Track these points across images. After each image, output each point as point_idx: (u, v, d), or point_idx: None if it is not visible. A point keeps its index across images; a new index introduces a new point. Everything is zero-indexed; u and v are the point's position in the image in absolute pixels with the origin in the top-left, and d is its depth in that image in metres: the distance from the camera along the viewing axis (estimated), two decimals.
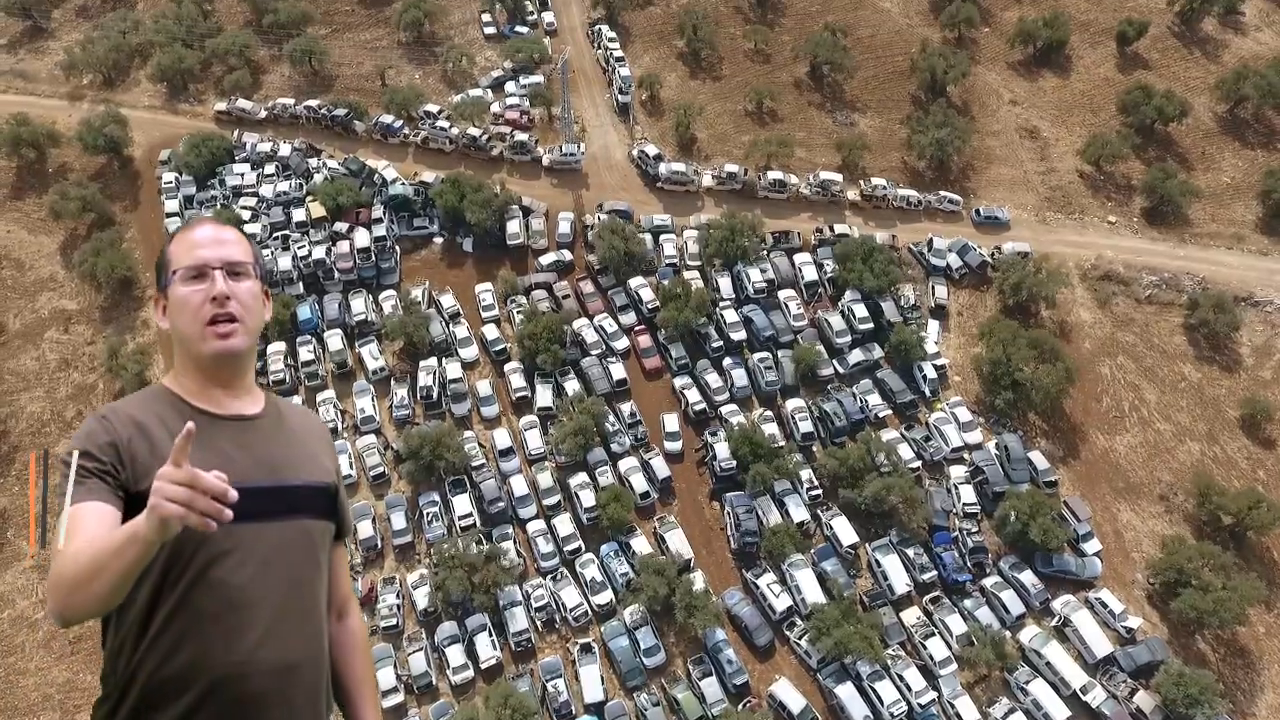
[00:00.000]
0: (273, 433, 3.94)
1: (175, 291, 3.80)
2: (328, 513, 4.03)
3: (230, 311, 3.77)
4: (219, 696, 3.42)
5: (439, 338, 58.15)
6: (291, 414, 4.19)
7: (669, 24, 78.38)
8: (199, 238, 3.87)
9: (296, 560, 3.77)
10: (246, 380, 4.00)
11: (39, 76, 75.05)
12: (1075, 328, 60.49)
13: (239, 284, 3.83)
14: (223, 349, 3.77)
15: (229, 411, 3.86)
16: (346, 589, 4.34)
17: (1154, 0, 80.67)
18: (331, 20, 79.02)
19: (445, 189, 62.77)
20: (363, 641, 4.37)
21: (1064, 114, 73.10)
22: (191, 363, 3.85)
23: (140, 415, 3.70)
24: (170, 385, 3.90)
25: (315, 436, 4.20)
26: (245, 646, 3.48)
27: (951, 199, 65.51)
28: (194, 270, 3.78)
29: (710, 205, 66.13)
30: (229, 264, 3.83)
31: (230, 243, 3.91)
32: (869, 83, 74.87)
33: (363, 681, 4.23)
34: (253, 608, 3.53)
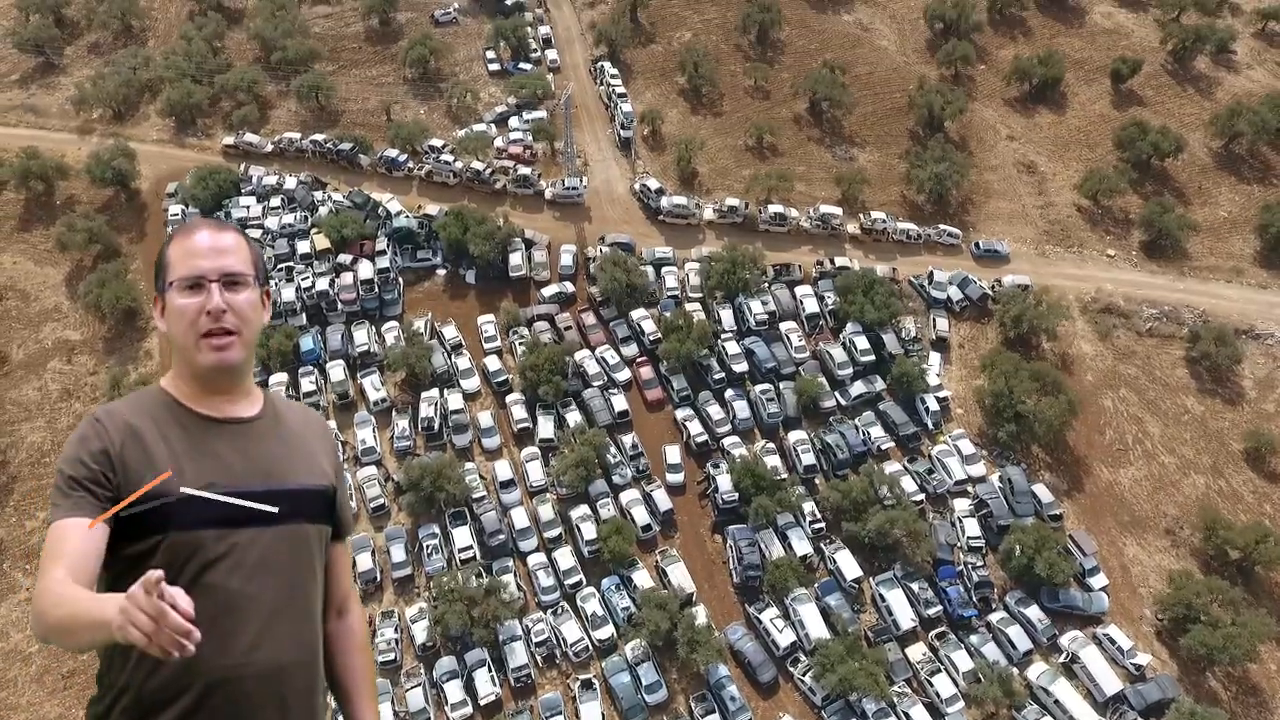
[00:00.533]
0: (270, 435, 3.93)
1: (172, 300, 3.77)
2: (324, 515, 4.01)
3: (225, 325, 3.73)
4: (214, 699, 3.42)
5: (441, 369, 58.12)
6: (290, 414, 4.16)
7: (670, 61, 79.67)
8: (197, 244, 3.82)
9: (291, 564, 3.76)
10: (244, 385, 3.99)
11: (50, 111, 76.08)
12: (1077, 360, 60.46)
13: (236, 295, 3.78)
14: (218, 362, 3.75)
15: (225, 415, 3.85)
16: (347, 587, 4.35)
17: (1146, 39, 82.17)
18: (339, 57, 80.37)
19: (449, 221, 63.24)
20: (362, 640, 4.38)
21: (1061, 149, 73.91)
22: (188, 371, 3.85)
23: (135, 419, 3.68)
24: (168, 387, 3.89)
25: (315, 437, 4.18)
26: (239, 650, 3.49)
27: (951, 232, 65.94)
28: (190, 280, 3.74)
29: (711, 238, 66.55)
30: (226, 275, 3.77)
31: (228, 251, 3.84)
32: (868, 119, 75.82)
33: (362, 679, 4.23)
34: (247, 611, 3.54)
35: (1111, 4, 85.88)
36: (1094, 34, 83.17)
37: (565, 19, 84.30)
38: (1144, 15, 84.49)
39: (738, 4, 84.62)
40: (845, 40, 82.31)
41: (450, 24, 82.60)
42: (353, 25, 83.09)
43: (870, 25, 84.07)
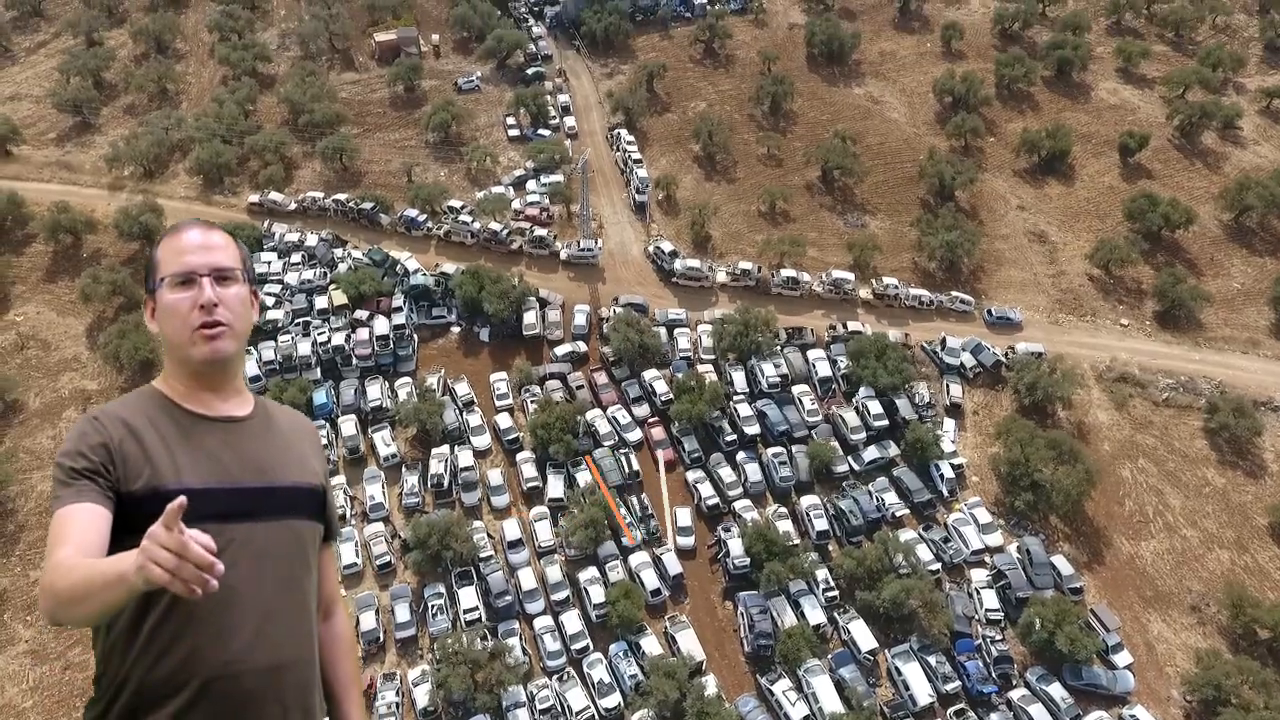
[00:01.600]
0: (262, 434, 3.96)
1: (163, 297, 3.80)
2: (316, 514, 4.05)
3: (218, 318, 3.78)
4: (212, 696, 3.42)
5: (452, 425, 57.95)
6: (280, 416, 4.20)
7: (685, 129, 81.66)
8: (187, 242, 3.86)
9: (287, 560, 3.79)
10: (236, 383, 4.02)
11: (83, 168, 78.34)
12: (1093, 429, 59.73)
13: (227, 289, 3.83)
14: (211, 354, 3.78)
15: (218, 413, 3.88)
16: (333, 589, 4.38)
17: (1152, 115, 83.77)
18: (364, 121, 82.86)
19: (465, 280, 64.00)
20: (349, 642, 4.40)
21: (1071, 219, 74.62)
22: (181, 367, 3.86)
23: (130, 417, 3.71)
24: (160, 387, 3.91)
25: (303, 438, 4.22)
26: (237, 646, 3.49)
27: (963, 299, 66.12)
28: (181, 276, 3.78)
29: (724, 301, 66.97)
30: (216, 270, 3.82)
31: (218, 248, 3.89)
32: (879, 187, 77.04)
33: (348, 681, 4.26)
34: (244, 608, 3.54)
35: (1117, 81, 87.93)
36: (1100, 110, 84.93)
37: (584, 88, 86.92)
38: (1149, 92, 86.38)
39: (751, 76, 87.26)
40: (856, 112, 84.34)
41: (472, 91, 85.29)
42: (378, 91, 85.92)
43: (881, 98, 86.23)
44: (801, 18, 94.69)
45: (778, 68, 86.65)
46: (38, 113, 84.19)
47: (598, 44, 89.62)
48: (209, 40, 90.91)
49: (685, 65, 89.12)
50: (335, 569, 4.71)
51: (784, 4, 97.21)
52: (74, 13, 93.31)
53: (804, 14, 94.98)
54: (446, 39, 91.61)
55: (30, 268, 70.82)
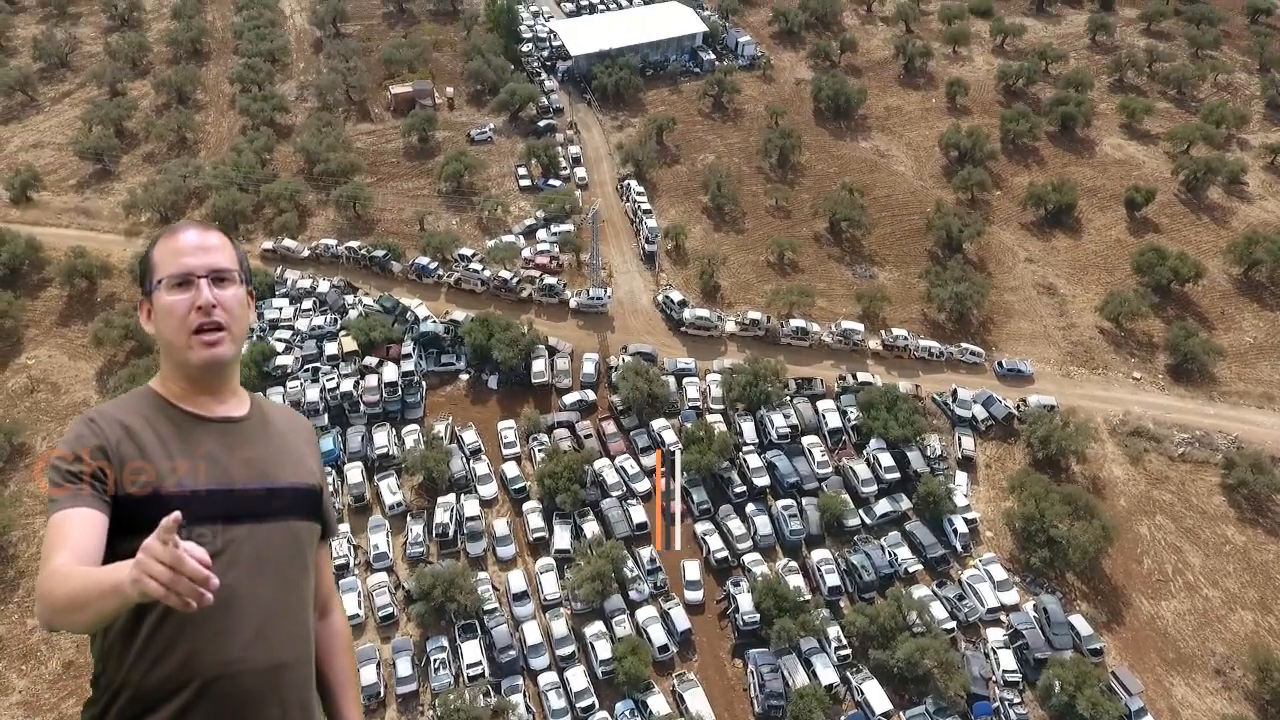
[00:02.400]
0: (259, 435, 3.96)
1: (160, 299, 3.78)
2: (313, 513, 4.04)
3: (216, 320, 3.77)
4: (212, 697, 3.42)
5: (459, 474, 57.36)
6: (276, 416, 4.19)
7: (694, 181, 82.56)
8: (184, 243, 3.83)
9: (285, 560, 3.79)
10: (232, 384, 4.01)
11: (101, 214, 79.40)
12: (1108, 484, 58.74)
13: (224, 291, 3.82)
14: (209, 358, 3.78)
15: (215, 415, 3.87)
16: (329, 587, 4.38)
17: (1157, 170, 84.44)
18: (378, 170, 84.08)
19: (474, 327, 64.04)
20: (345, 640, 4.41)
21: (1079, 272, 74.65)
22: (178, 370, 3.85)
23: (127, 419, 3.69)
24: (156, 388, 3.89)
25: (300, 438, 4.21)
26: (237, 646, 3.50)
27: (974, 351, 65.80)
28: (179, 278, 3.76)
29: (733, 350, 66.79)
30: (214, 271, 3.81)
31: (215, 249, 3.87)
32: (886, 239, 77.43)
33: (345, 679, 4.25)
34: (243, 608, 3.55)
35: (1121, 136, 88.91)
36: (1105, 164, 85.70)
37: (595, 140, 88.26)
38: (1153, 148, 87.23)
39: (759, 130, 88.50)
40: (863, 165, 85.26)
41: (485, 142, 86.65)
42: (393, 142, 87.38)
43: (887, 152, 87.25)
44: (808, 74, 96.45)
45: (785, 122, 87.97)
46: (59, 160, 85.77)
47: (608, 98, 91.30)
48: (230, 91, 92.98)
49: (694, 119, 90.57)
50: (330, 567, 4.66)
51: (791, 60, 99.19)
52: (99, 64, 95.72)
53: (811, 70, 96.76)
54: (461, 92, 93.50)
55: (44, 311, 71.28)
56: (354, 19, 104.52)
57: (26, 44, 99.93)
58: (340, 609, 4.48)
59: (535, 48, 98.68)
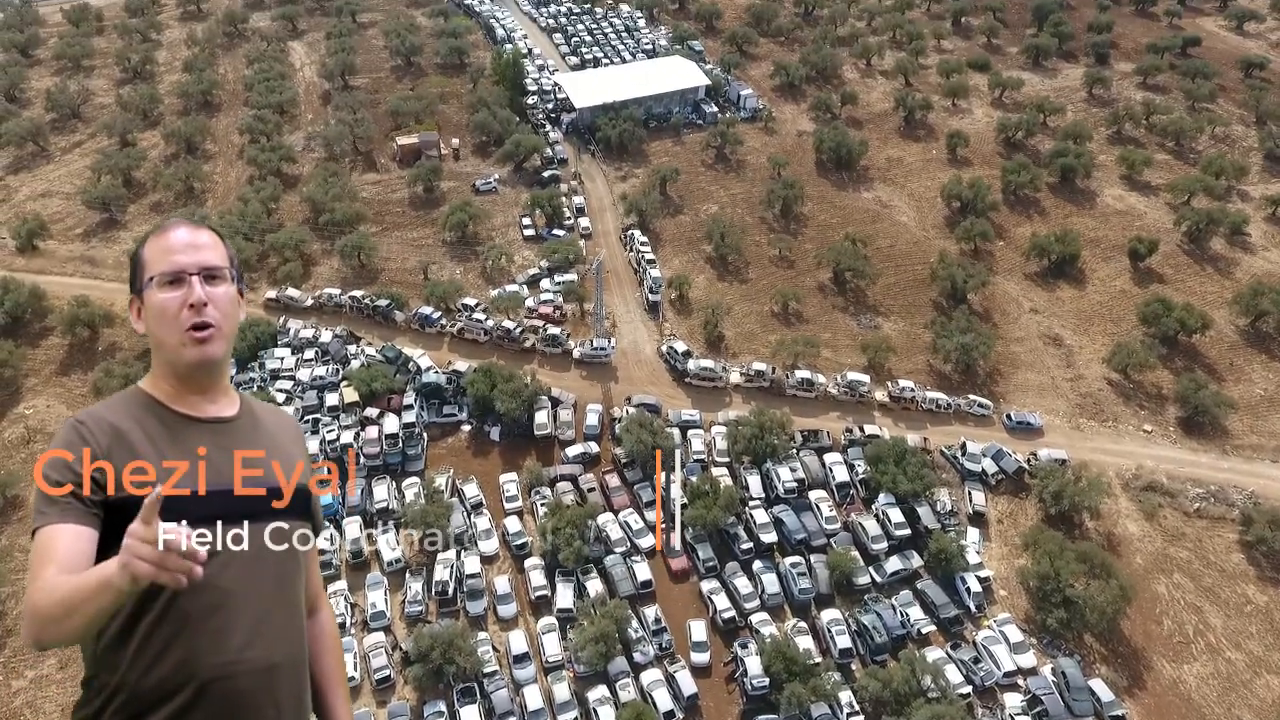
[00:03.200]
0: (250, 434, 3.95)
1: (152, 297, 3.75)
2: (306, 513, 4.03)
3: (208, 319, 3.75)
4: (209, 698, 3.40)
5: (459, 529, 55.99)
6: (266, 415, 4.18)
7: (698, 231, 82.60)
8: (175, 241, 3.81)
9: (278, 561, 3.77)
10: (223, 383, 3.99)
11: (106, 263, 79.28)
12: (1123, 540, 57.23)
13: (215, 289, 3.80)
14: (201, 357, 3.76)
15: (206, 415, 3.86)
16: (318, 586, 4.39)
17: (1159, 220, 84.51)
18: (383, 219, 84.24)
19: (477, 378, 63.23)
20: (333, 637, 4.41)
21: (1085, 323, 74.07)
22: (169, 368, 3.83)
23: (118, 421, 3.66)
24: (147, 389, 3.87)
25: (289, 437, 4.21)
26: (232, 647, 3.49)
27: (981, 403, 64.83)
28: (170, 276, 3.73)
29: (738, 401, 65.86)
30: (206, 269, 3.79)
31: (206, 246, 3.86)
32: (890, 289, 77.06)
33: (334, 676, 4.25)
34: (238, 608, 3.55)
35: (1121, 188, 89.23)
36: (1107, 215, 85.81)
37: (598, 190, 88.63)
38: (1154, 199, 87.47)
39: (762, 181, 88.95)
40: (866, 215, 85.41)
41: (490, 192, 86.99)
42: (398, 192, 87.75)
43: (889, 202, 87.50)
44: (810, 125, 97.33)
45: (788, 173, 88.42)
46: (67, 209, 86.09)
47: (612, 149, 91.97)
48: (239, 142, 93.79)
49: (697, 169, 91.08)
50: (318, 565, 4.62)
51: (792, 113, 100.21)
52: (110, 115, 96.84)
53: (812, 122, 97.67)
54: (466, 142, 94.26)
55: (45, 360, 70.63)
56: (362, 72, 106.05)
57: (40, 95, 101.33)
58: (328, 607, 4.48)
59: (540, 100, 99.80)
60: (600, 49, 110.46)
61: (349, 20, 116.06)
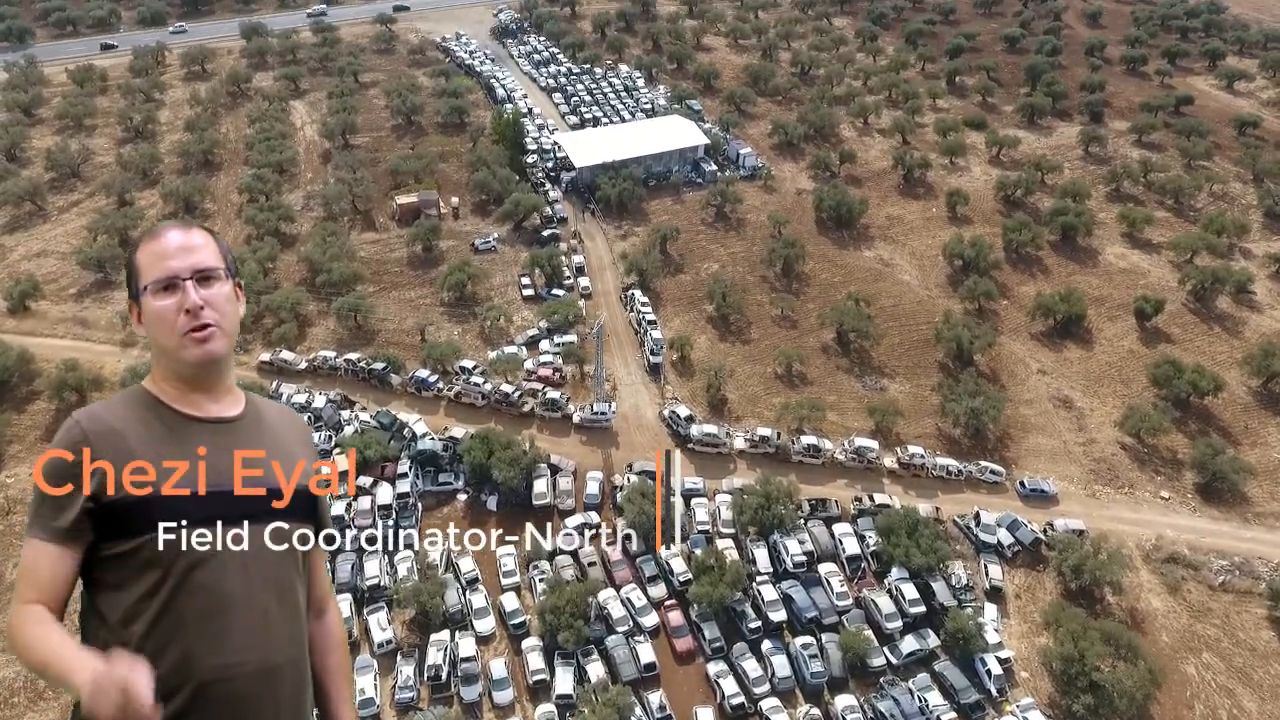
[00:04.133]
0: (254, 434, 3.93)
1: (148, 305, 3.77)
2: (309, 514, 3.99)
3: (205, 320, 3.74)
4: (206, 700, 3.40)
5: (454, 607, 53.18)
6: (271, 414, 4.15)
7: (699, 290, 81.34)
8: (167, 246, 3.79)
9: (278, 562, 3.77)
10: (227, 382, 3.98)
11: (98, 324, 77.56)
12: (1147, 617, 54.53)
13: (211, 289, 3.79)
14: (203, 356, 3.76)
15: (209, 415, 3.85)
16: (324, 587, 4.35)
17: (1163, 279, 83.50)
18: (380, 279, 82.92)
19: (474, 445, 61.00)
20: (340, 639, 4.39)
21: (1094, 384, 72.34)
22: (172, 369, 3.82)
23: (117, 422, 3.66)
24: (150, 388, 3.86)
25: (295, 437, 4.18)
26: (230, 649, 3.48)
27: (994, 470, 62.66)
28: (164, 281, 3.74)
29: (743, 468, 63.61)
30: (199, 271, 3.78)
31: (199, 248, 3.84)
32: (895, 349, 75.47)
33: (339, 678, 4.25)
34: (236, 610, 3.54)
35: (1123, 245, 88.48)
36: (1110, 273, 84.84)
37: (598, 249, 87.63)
38: (1157, 256, 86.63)
39: (762, 239, 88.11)
40: (868, 274, 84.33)
41: (489, 251, 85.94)
42: (397, 251, 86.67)
43: (891, 261, 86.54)
44: (809, 184, 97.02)
45: (788, 231, 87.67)
46: (61, 269, 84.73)
47: (612, 208, 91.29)
48: (238, 201, 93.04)
49: (698, 228, 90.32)
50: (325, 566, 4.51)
51: (791, 171, 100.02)
52: (109, 175, 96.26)
53: (811, 180, 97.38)
54: (466, 201, 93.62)
55: (30, 426, 68.31)
56: (363, 131, 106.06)
57: (40, 154, 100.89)
58: (335, 609, 4.44)
59: (540, 159, 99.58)
60: (600, 108, 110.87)
61: (351, 80, 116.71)
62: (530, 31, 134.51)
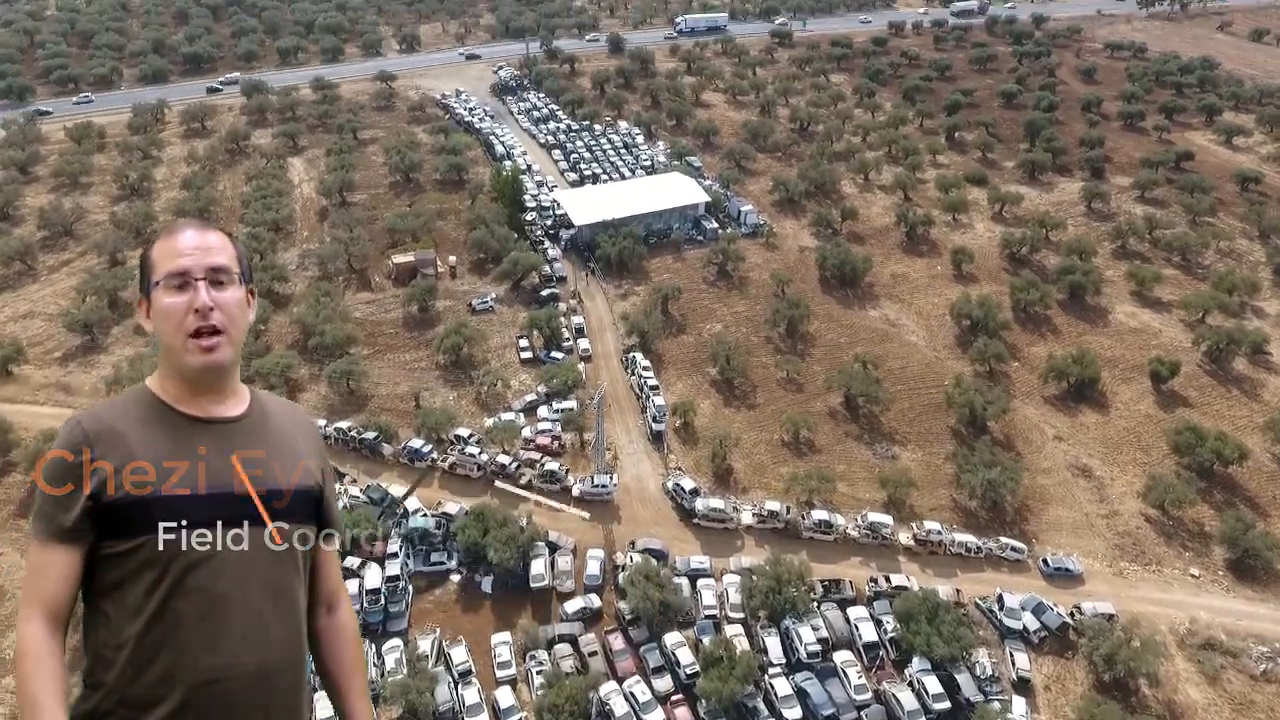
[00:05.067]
0: (257, 434, 3.89)
1: (158, 301, 3.74)
2: (311, 514, 3.97)
3: (214, 324, 3.71)
4: (199, 701, 3.41)
5: (445, 704, 49.18)
6: (278, 413, 4.10)
7: (701, 352, 78.70)
8: (182, 244, 3.77)
9: (276, 563, 3.73)
10: (232, 384, 3.95)
11: (82, 389, 74.51)
12: (1186, 711, 50.64)
13: (223, 292, 3.76)
14: (207, 363, 3.73)
15: (212, 415, 3.81)
16: (336, 583, 4.33)
17: (1176, 339, 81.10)
18: (375, 341, 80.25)
19: (468, 523, 57.62)
20: (352, 634, 4.33)
21: (1113, 451, 69.27)
22: (176, 371, 3.79)
23: (118, 423, 3.64)
24: (153, 388, 3.85)
25: (302, 436, 4.12)
26: (225, 650, 3.48)
27: (1015, 547, 59.23)
28: (177, 279, 3.71)
29: (751, 544, 60.13)
30: (213, 272, 3.75)
31: (215, 249, 3.81)
32: (905, 414, 72.54)
33: (352, 673, 4.21)
34: (230, 613, 3.53)
35: (1133, 304, 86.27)
36: (1121, 333, 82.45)
37: (598, 309, 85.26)
38: (1168, 315, 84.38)
39: (765, 298, 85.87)
40: (874, 335, 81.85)
41: (487, 311, 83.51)
42: (392, 311, 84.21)
43: (898, 321, 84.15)
44: (811, 241, 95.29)
45: (791, 290, 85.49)
46: (47, 331, 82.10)
47: (612, 266, 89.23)
48: None
49: (699, 287, 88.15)
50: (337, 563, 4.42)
51: (793, 228, 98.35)
52: (102, 233, 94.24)
53: (813, 237, 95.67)
54: (463, 259, 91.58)
55: (3, 501, 64.86)
56: (361, 188, 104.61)
57: (34, 213, 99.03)
58: (347, 605, 4.37)
59: (539, 216, 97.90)
60: (599, 165, 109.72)
61: (350, 137, 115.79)
62: (530, 88, 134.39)
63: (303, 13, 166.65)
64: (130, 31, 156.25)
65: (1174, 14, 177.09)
